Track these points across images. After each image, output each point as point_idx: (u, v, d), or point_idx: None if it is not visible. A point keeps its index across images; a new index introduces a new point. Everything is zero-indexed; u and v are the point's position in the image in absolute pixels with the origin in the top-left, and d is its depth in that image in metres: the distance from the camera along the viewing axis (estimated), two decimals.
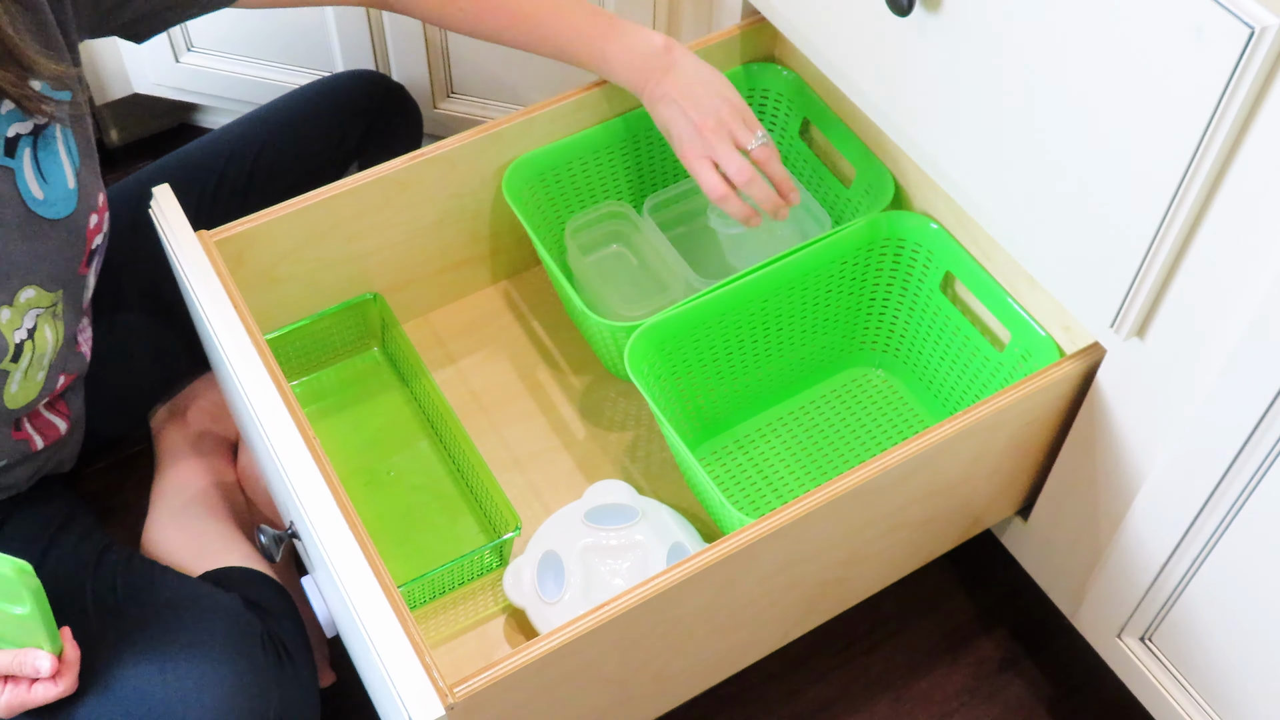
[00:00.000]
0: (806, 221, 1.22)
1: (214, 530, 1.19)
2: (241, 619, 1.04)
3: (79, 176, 0.98)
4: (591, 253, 1.26)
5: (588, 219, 1.24)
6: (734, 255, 1.27)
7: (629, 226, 1.25)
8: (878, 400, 1.23)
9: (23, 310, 0.95)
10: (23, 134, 0.93)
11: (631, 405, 1.23)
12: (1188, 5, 0.72)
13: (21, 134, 0.93)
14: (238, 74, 1.53)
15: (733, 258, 1.27)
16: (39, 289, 0.96)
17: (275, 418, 0.93)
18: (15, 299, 0.94)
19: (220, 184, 1.24)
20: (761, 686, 1.24)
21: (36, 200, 0.95)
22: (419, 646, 0.83)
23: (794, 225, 1.24)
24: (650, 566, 1.08)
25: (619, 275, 1.26)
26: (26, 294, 0.95)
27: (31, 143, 0.94)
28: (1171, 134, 0.77)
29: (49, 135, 0.95)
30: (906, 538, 1.07)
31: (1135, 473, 0.96)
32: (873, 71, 1.02)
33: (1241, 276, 0.79)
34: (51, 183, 0.96)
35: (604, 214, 1.24)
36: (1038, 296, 1.04)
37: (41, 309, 0.97)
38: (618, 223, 1.25)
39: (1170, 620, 1.01)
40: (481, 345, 1.28)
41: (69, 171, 0.97)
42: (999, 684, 1.25)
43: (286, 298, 1.16)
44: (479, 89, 1.47)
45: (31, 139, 0.94)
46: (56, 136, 0.96)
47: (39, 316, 0.97)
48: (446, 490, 1.18)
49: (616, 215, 1.25)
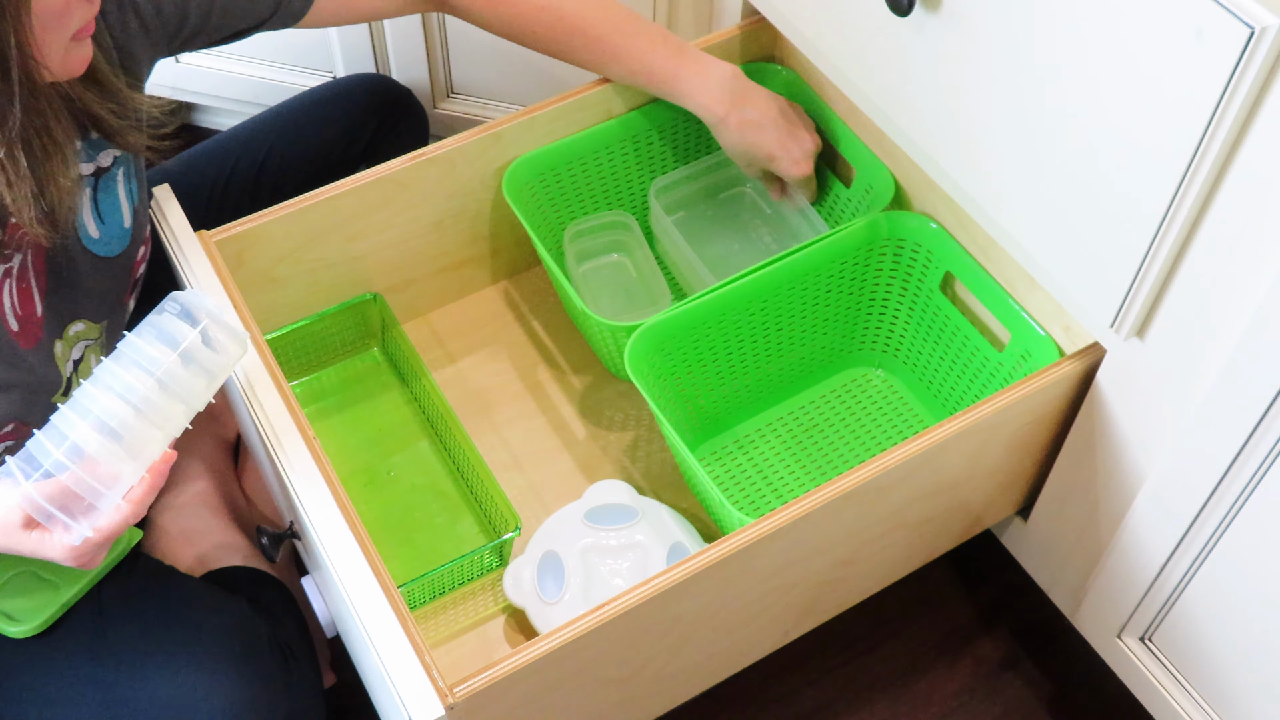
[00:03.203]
0: (805, 230, 1.22)
1: (215, 531, 1.19)
2: (247, 621, 1.04)
3: (135, 215, 0.99)
4: (588, 260, 1.26)
5: (588, 225, 1.24)
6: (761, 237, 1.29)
7: (630, 237, 1.25)
8: (878, 400, 1.23)
9: (72, 343, 0.96)
10: (85, 175, 0.93)
11: (631, 405, 1.23)
12: (1188, 5, 0.72)
13: (84, 175, 0.93)
14: (238, 74, 1.53)
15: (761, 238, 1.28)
16: (88, 322, 0.97)
17: (275, 418, 0.93)
18: (65, 332, 0.95)
19: (227, 188, 1.24)
20: (761, 686, 1.24)
21: (92, 239, 0.95)
22: (419, 646, 0.83)
23: (792, 235, 1.25)
24: (650, 566, 1.08)
25: (613, 284, 1.26)
26: (76, 327, 0.96)
27: (93, 184, 0.95)
28: (1172, 134, 0.77)
29: (111, 176, 0.96)
30: (906, 538, 1.07)
31: (1135, 473, 0.96)
32: (873, 71, 1.02)
33: (1241, 276, 0.79)
34: (108, 222, 0.96)
35: (605, 223, 1.24)
36: (1038, 296, 1.04)
37: (90, 340, 0.97)
38: (619, 232, 1.25)
39: (1170, 620, 1.01)
40: (481, 345, 1.28)
41: (126, 212, 0.98)
42: (999, 684, 1.25)
43: (286, 298, 1.16)
44: (479, 89, 1.47)
45: (94, 179, 0.95)
46: (118, 178, 0.97)
47: (86, 348, 0.97)
48: (446, 490, 1.18)
49: (618, 225, 1.25)
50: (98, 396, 0.81)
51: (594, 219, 1.24)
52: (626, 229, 1.25)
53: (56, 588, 0.99)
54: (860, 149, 1.18)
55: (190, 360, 0.83)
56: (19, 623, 0.98)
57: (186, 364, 0.83)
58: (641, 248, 1.24)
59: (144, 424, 0.82)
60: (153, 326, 0.83)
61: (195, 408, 0.85)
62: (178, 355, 0.83)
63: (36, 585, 0.99)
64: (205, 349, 0.84)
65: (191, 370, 0.83)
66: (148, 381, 0.82)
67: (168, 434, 0.84)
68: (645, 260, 1.24)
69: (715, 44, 1.20)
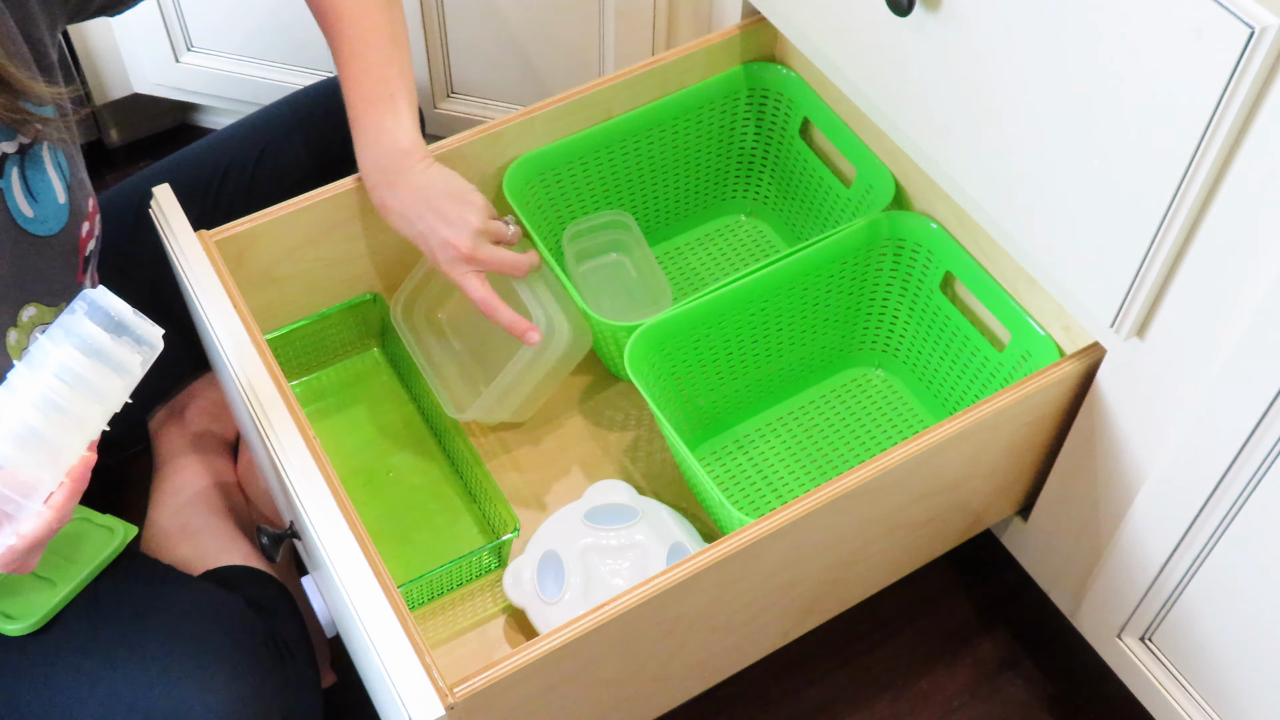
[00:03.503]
0: None
1: (214, 530, 1.19)
2: (244, 619, 1.04)
3: (70, 190, 0.97)
4: (587, 260, 1.25)
5: (587, 226, 1.24)
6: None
7: (629, 236, 1.25)
8: (878, 400, 1.23)
9: (28, 329, 0.95)
10: (9, 153, 0.92)
11: (631, 405, 1.23)
12: (1188, 5, 0.72)
13: (8, 154, 0.92)
14: (238, 74, 1.53)
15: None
16: (39, 305, 0.96)
17: (275, 418, 0.93)
18: (18, 319, 0.94)
19: (222, 187, 1.24)
20: (761, 686, 1.24)
21: (27, 219, 0.94)
22: (419, 646, 0.83)
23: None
24: (650, 566, 1.08)
25: (613, 284, 1.26)
26: (28, 312, 0.95)
27: (19, 161, 0.93)
28: (1172, 134, 0.77)
29: (36, 153, 0.94)
30: (906, 538, 1.07)
31: (1135, 473, 0.96)
32: (873, 71, 1.02)
33: (1242, 276, 0.79)
34: (42, 200, 0.95)
35: (604, 222, 1.24)
36: (1038, 296, 1.04)
37: (46, 325, 0.96)
38: (618, 231, 1.25)
39: (1170, 620, 1.01)
40: None
41: (59, 187, 0.96)
42: (999, 684, 1.25)
43: (286, 298, 1.16)
44: (479, 89, 1.47)
45: (19, 158, 0.93)
46: (44, 154, 0.95)
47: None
48: (446, 490, 1.18)
49: (616, 224, 1.24)
50: (9, 403, 0.80)
51: (593, 219, 1.23)
52: (626, 228, 1.24)
53: (53, 585, 0.99)
54: (860, 149, 1.18)
55: (103, 360, 0.82)
56: (15, 620, 0.98)
57: (99, 364, 0.82)
58: (640, 246, 1.24)
59: (59, 429, 0.81)
60: (62, 328, 0.82)
61: (111, 408, 0.84)
62: (89, 357, 0.81)
63: (32, 583, 0.99)
64: (119, 347, 0.83)
65: (104, 370, 0.82)
66: (59, 386, 0.81)
67: (85, 436, 0.83)
68: (645, 259, 1.24)
69: (715, 44, 1.20)
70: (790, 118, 1.25)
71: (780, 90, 1.24)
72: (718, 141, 1.28)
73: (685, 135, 1.25)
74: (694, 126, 1.25)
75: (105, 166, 1.68)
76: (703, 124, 1.25)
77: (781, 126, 1.27)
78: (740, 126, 1.28)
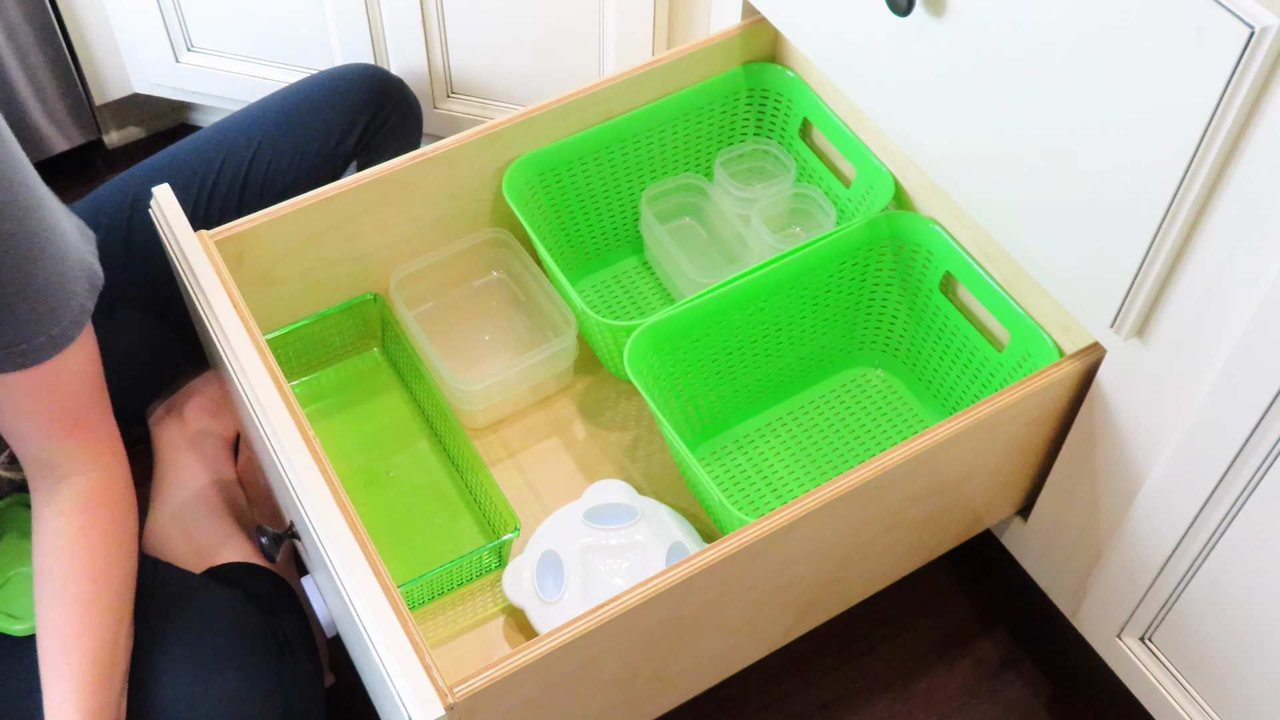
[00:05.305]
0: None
1: (214, 527, 1.19)
2: (244, 615, 1.04)
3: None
4: (666, 222, 1.27)
5: (664, 188, 1.26)
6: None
7: (701, 198, 1.27)
8: (878, 400, 1.23)
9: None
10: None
11: (631, 405, 1.23)
12: (1188, 5, 0.72)
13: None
14: (238, 74, 1.53)
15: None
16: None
17: (275, 418, 0.93)
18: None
19: (216, 183, 1.23)
20: (761, 686, 1.24)
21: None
22: (419, 646, 0.83)
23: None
24: (650, 566, 1.08)
25: (690, 245, 1.28)
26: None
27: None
28: (1171, 134, 0.77)
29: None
30: (906, 538, 1.07)
31: (1135, 473, 0.96)
32: (873, 71, 1.02)
33: (1242, 276, 0.79)
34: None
35: (679, 185, 1.26)
36: (1038, 296, 1.04)
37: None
38: (690, 194, 1.27)
39: (1170, 620, 1.01)
40: None
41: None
42: (999, 684, 1.25)
43: (286, 298, 1.16)
44: (479, 89, 1.47)
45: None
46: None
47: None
48: (446, 490, 1.18)
49: (690, 188, 1.27)
50: None
51: (667, 182, 1.26)
52: (700, 191, 1.27)
53: None
54: (860, 149, 1.18)
55: None
56: (21, 620, 0.98)
57: None
58: (712, 204, 1.27)
59: None
60: None
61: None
62: None
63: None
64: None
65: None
66: None
67: None
68: (718, 217, 1.26)
69: (715, 44, 1.20)
70: (790, 118, 1.25)
71: (780, 90, 1.25)
72: (717, 142, 1.28)
73: (685, 136, 1.26)
74: (694, 127, 1.25)
75: (105, 166, 1.68)
76: (703, 124, 1.25)
77: (781, 126, 1.27)
78: (740, 127, 1.28)
